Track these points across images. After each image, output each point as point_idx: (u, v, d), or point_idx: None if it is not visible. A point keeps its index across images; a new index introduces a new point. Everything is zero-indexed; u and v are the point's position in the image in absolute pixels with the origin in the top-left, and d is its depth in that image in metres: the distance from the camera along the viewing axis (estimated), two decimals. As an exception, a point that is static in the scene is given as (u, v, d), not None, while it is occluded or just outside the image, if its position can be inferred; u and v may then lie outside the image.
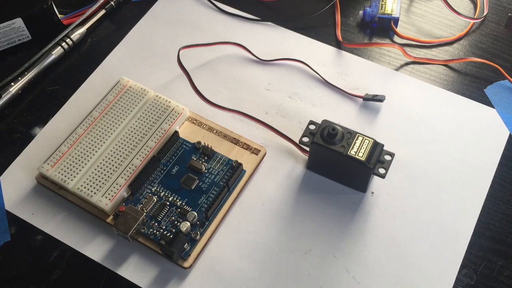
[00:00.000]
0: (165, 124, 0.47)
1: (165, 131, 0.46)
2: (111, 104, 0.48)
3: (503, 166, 0.47)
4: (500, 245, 0.43)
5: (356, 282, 0.41)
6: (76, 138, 0.46)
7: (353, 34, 0.56)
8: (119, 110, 0.48)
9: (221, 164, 0.45)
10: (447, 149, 0.48)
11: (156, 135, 0.46)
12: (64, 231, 0.44)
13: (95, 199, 0.43)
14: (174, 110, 0.47)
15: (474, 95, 0.51)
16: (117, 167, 0.44)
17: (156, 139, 0.46)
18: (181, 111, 0.47)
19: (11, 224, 0.44)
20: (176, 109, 0.47)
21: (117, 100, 0.48)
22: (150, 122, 0.47)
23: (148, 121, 0.47)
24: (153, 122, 0.47)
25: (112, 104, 0.48)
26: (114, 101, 0.48)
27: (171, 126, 0.46)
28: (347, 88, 0.51)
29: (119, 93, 0.49)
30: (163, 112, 0.47)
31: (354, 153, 0.42)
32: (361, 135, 0.43)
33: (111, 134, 0.46)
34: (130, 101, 0.48)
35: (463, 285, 0.41)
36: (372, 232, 0.43)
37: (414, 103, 0.51)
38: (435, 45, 0.55)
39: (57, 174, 0.44)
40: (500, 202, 0.45)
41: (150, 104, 0.48)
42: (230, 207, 0.44)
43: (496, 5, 0.58)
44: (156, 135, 0.46)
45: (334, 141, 0.42)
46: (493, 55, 0.54)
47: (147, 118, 0.47)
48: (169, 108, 0.47)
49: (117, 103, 0.48)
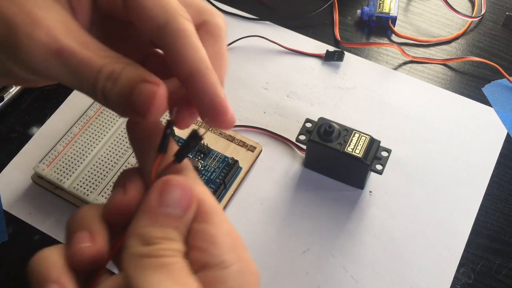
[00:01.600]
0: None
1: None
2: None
3: (501, 165, 0.47)
4: (498, 244, 0.43)
5: (354, 281, 0.41)
6: (72, 137, 0.46)
7: (351, 33, 0.56)
8: None
9: (217, 161, 0.45)
10: (445, 148, 0.48)
11: None
12: (61, 230, 0.44)
13: (91, 198, 0.43)
14: None
15: (472, 94, 0.51)
16: (113, 165, 0.44)
17: (152, 138, 0.46)
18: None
19: (8, 224, 0.44)
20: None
21: None
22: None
23: None
24: None
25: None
26: None
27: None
28: (345, 87, 0.51)
29: None
30: None
31: (351, 150, 0.42)
32: (357, 132, 0.43)
33: (107, 132, 0.46)
34: None
35: (461, 283, 0.41)
36: (370, 231, 0.43)
37: (412, 102, 0.51)
38: (433, 44, 0.55)
39: (53, 174, 0.44)
40: (498, 201, 0.45)
41: None
42: (227, 204, 0.44)
43: (494, 3, 0.58)
44: None
45: (331, 139, 0.42)
46: (491, 54, 0.54)
47: None
48: None
49: None
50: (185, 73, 0.22)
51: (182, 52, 0.21)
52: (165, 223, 0.20)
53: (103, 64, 0.20)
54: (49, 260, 0.22)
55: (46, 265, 0.21)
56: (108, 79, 0.20)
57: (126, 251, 0.20)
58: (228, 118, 0.23)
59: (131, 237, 0.20)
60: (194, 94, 0.22)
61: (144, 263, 0.20)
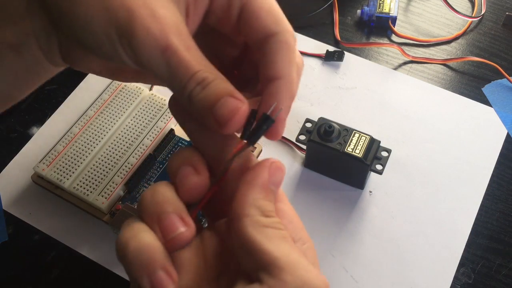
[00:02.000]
0: (160, 122, 0.47)
1: (161, 129, 0.46)
2: (106, 103, 0.48)
3: (501, 165, 0.47)
4: (498, 244, 0.43)
5: (354, 281, 0.41)
6: (72, 137, 0.46)
7: (351, 33, 0.56)
8: (114, 109, 0.48)
9: None
10: (445, 148, 0.48)
11: (151, 133, 0.46)
12: (61, 231, 0.44)
13: (91, 198, 0.43)
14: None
15: (472, 94, 0.51)
16: (113, 165, 0.44)
17: (151, 137, 0.46)
18: None
19: (8, 224, 0.44)
20: None
21: (112, 99, 0.48)
22: (145, 120, 0.47)
23: (143, 119, 0.47)
24: (148, 120, 0.47)
25: (107, 103, 0.48)
26: (109, 100, 0.48)
27: (167, 124, 0.46)
28: (345, 87, 0.51)
29: (114, 92, 0.49)
30: (159, 110, 0.47)
31: (351, 150, 0.42)
32: (357, 132, 0.43)
33: (107, 132, 0.46)
34: (125, 99, 0.48)
35: (461, 284, 0.41)
36: (370, 231, 0.43)
37: (412, 102, 0.51)
38: (433, 44, 0.55)
39: (53, 174, 0.44)
40: (498, 201, 0.45)
41: (145, 102, 0.48)
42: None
43: (494, 3, 0.58)
44: (152, 133, 0.46)
45: (331, 139, 0.42)
46: (491, 54, 0.54)
47: (143, 116, 0.47)
48: (165, 106, 0.47)
49: (112, 101, 0.48)
50: (274, 77, 0.25)
51: (279, 58, 0.25)
52: (271, 199, 0.24)
53: (198, 70, 0.22)
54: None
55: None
56: (198, 84, 0.22)
57: (247, 218, 0.22)
58: (280, 129, 0.25)
59: (250, 207, 0.23)
60: (272, 98, 0.24)
61: (269, 233, 0.22)
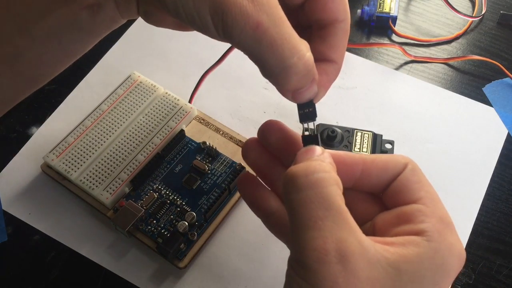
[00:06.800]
0: (171, 122, 0.46)
1: (171, 129, 0.46)
2: (120, 98, 0.48)
3: (502, 165, 0.47)
4: (499, 244, 0.43)
5: (355, 281, 0.41)
6: (83, 130, 0.46)
7: (351, 33, 0.56)
8: (128, 105, 0.47)
9: (224, 166, 0.45)
10: (445, 148, 0.48)
11: (162, 132, 0.46)
12: (61, 231, 0.44)
13: (96, 192, 0.43)
14: (182, 108, 0.47)
15: (472, 94, 0.51)
16: (121, 161, 0.44)
17: (161, 137, 0.46)
18: (189, 109, 0.47)
19: (7, 224, 0.44)
20: (184, 108, 0.47)
21: (126, 95, 0.48)
22: (157, 119, 0.47)
23: (155, 117, 0.47)
24: (160, 119, 0.47)
25: (121, 99, 0.48)
26: (124, 96, 0.48)
27: (178, 125, 0.46)
28: (346, 87, 0.51)
29: (129, 88, 0.48)
30: (171, 110, 0.47)
31: (358, 149, 0.42)
32: (359, 130, 0.43)
33: (118, 128, 0.46)
34: (139, 96, 0.48)
35: (461, 284, 0.41)
36: (370, 231, 0.43)
37: (412, 102, 0.51)
38: (433, 44, 0.55)
39: (61, 165, 0.44)
40: (498, 201, 0.45)
41: (159, 101, 0.48)
42: (231, 209, 0.44)
43: (494, 3, 0.58)
44: (162, 132, 0.46)
45: (334, 143, 0.42)
46: (491, 53, 0.54)
47: (155, 114, 0.47)
48: (177, 106, 0.47)
49: (126, 97, 0.48)
50: (330, 59, 0.29)
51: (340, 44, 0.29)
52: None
53: (302, 43, 0.26)
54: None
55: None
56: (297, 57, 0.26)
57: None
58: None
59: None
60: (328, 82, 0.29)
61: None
